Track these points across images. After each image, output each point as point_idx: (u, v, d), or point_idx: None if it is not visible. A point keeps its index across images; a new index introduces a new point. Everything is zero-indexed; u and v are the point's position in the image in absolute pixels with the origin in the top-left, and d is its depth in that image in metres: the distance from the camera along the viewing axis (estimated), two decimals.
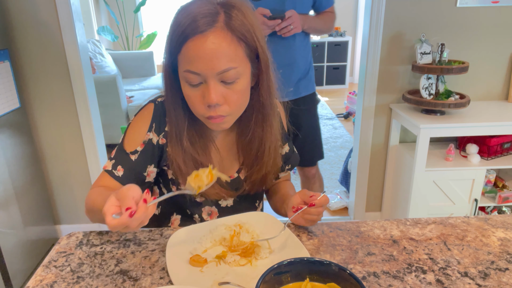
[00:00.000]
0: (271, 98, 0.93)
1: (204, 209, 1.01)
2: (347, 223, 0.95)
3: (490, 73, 2.28)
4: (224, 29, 0.77)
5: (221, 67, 0.78)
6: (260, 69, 0.87)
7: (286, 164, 1.10)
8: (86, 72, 2.20)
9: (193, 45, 0.76)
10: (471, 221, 0.96)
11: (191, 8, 0.78)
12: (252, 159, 0.97)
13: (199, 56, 0.77)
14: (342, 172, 2.93)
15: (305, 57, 1.91)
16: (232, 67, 0.78)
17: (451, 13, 2.15)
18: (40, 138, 2.28)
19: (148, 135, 0.92)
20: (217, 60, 0.77)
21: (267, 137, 0.95)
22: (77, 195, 2.42)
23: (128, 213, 0.63)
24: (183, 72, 0.80)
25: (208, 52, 0.76)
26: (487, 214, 2.29)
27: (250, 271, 0.77)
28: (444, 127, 1.99)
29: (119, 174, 0.91)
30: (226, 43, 0.77)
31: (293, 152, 1.12)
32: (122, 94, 3.47)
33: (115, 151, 0.93)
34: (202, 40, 0.76)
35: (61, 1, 2.03)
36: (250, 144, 0.95)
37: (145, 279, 0.76)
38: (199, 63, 0.77)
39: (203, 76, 0.79)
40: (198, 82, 0.80)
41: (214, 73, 0.78)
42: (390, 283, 0.74)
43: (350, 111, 4.78)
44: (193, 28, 0.76)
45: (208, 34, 0.76)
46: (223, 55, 0.77)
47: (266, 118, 0.93)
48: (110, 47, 5.54)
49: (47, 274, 0.78)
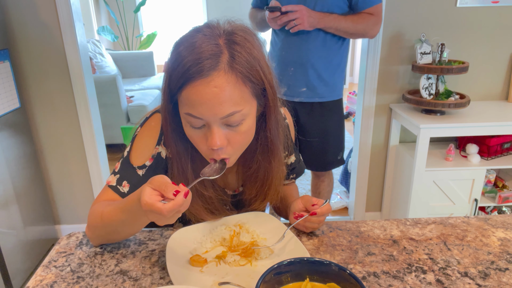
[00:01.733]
0: (278, 126, 0.88)
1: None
2: (347, 223, 0.95)
3: (490, 73, 2.28)
4: (228, 71, 0.71)
5: (225, 112, 0.72)
6: (267, 104, 0.81)
7: (291, 173, 1.09)
8: (86, 72, 2.20)
9: (195, 89, 0.71)
10: (471, 221, 0.96)
11: (194, 43, 0.72)
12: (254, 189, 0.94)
13: (201, 102, 0.71)
14: (342, 172, 2.93)
15: (325, 59, 1.79)
16: (236, 111, 0.73)
17: (451, 13, 2.15)
18: (40, 138, 2.28)
19: (157, 149, 0.87)
20: (221, 105, 0.71)
21: (274, 170, 0.91)
22: (77, 195, 2.42)
23: (182, 194, 0.63)
24: (185, 114, 0.75)
25: (211, 97, 0.71)
26: (487, 214, 2.29)
27: (250, 271, 0.77)
28: (444, 127, 1.99)
29: (124, 190, 0.85)
30: (230, 87, 0.71)
31: (299, 162, 1.10)
32: (122, 94, 3.47)
33: (119, 164, 0.87)
34: (204, 84, 0.70)
35: (61, 1, 2.03)
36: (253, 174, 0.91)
37: (145, 279, 0.76)
38: (202, 109, 0.72)
39: (205, 120, 0.74)
40: (200, 125, 0.75)
41: (217, 118, 0.73)
42: (390, 283, 0.74)
43: (350, 111, 4.78)
44: (196, 71, 0.70)
45: (211, 78, 0.70)
46: (227, 100, 0.71)
47: (272, 151, 0.88)
48: (110, 47, 5.54)
49: (47, 274, 0.78)
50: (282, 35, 1.82)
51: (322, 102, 1.87)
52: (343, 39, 1.81)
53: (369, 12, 1.74)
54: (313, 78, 1.81)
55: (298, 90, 1.85)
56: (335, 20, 1.70)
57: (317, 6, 1.70)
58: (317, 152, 1.95)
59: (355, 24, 1.73)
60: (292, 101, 1.86)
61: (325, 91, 1.85)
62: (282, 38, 1.83)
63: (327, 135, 1.93)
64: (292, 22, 1.67)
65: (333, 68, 1.83)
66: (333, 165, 2.03)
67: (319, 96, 1.85)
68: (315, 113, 1.88)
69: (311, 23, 1.67)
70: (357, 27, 1.73)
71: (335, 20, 1.70)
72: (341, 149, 2.01)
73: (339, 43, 1.81)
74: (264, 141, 0.87)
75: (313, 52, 1.77)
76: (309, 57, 1.78)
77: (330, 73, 1.83)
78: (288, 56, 1.81)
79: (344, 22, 1.71)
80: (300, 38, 1.76)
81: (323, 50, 1.78)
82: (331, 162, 2.01)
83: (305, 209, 0.88)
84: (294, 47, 1.78)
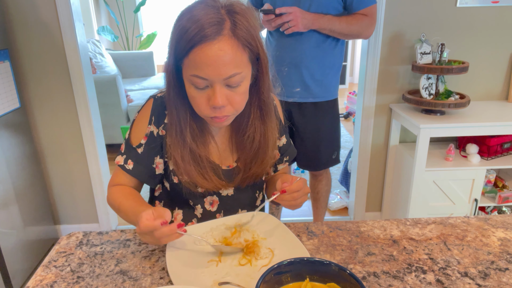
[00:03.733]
0: (270, 92, 0.96)
1: (206, 199, 1.04)
2: (347, 223, 0.95)
3: (490, 73, 2.28)
4: (231, 37, 0.80)
5: (228, 73, 0.81)
6: (260, 70, 0.90)
7: (284, 156, 1.12)
8: (86, 72, 2.20)
9: (201, 52, 0.79)
10: (471, 221, 0.96)
11: (196, 13, 0.80)
12: (250, 153, 0.99)
13: (206, 63, 0.79)
14: (342, 172, 2.93)
15: (319, 59, 1.80)
16: (237, 72, 0.82)
17: (451, 13, 2.15)
18: (40, 138, 2.28)
19: (149, 128, 0.97)
20: (224, 66, 0.80)
21: (270, 131, 0.98)
22: (77, 195, 2.42)
23: (160, 222, 0.73)
24: (190, 76, 0.83)
25: (216, 59, 0.79)
26: (487, 214, 2.29)
27: (250, 271, 0.77)
28: (444, 127, 1.99)
29: (129, 167, 0.97)
30: (233, 51, 0.80)
31: (290, 144, 1.14)
32: (122, 94, 3.47)
33: (124, 146, 0.99)
34: (210, 47, 0.78)
35: (61, 1, 2.03)
36: (247, 139, 0.98)
37: (145, 279, 0.76)
38: (207, 69, 0.80)
39: (209, 81, 0.82)
40: (204, 86, 0.83)
41: (221, 79, 0.81)
42: (390, 283, 0.74)
43: (350, 111, 4.78)
44: (201, 36, 0.78)
45: (216, 42, 0.79)
46: (230, 62, 0.80)
47: (267, 113, 0.97)
48: (110, 47, 5.54)
49: (47, 274, 0.78)
50: (276, 36, 1.83)
51: (316, 102, 1.87)
52: (338, 40, 1.81)
53: (364, 13, 1.74)
54: (307, 79, 1.82)
55: (292, 91, 1.85)
56: (329, 21, 1.70)
57: (311, 7, 1.70)
58: (311, 151, 1.96)
59: (350, 25, 1.72)
60: (286, 101, 1.86)
61: (319, 92, 1.85)
62: (276, 38, 1.83)
63: (321, 134, 1.93)
64: (286, 24, 1.67)
65: (327, 69, 1.83)
66: (328, 164, 2.03)
67: (313, 96, 1.85)
68: (309, 113, 1.88)
69: (305, 24, 1.68)
70: (351, 28, 1.73)
71: (329, 21, 1.70)
72: (336, 149, 2.01)
73: (333, 44, 1.81)
74: (258, 103, 0.95)
75: (307, 52, 1.78)
76: (303, 58, 1.79)
77: (324, 73, 1.83)
78: (282, 56, 1.81)
79: (339, 23, 1.71)
80: (294, 39, 1.76)
81: (317, 51, 1.78)
82: (325, 162, 2.01)
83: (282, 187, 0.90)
84: (288, 48, 1.79)
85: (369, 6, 1.74)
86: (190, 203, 1.04)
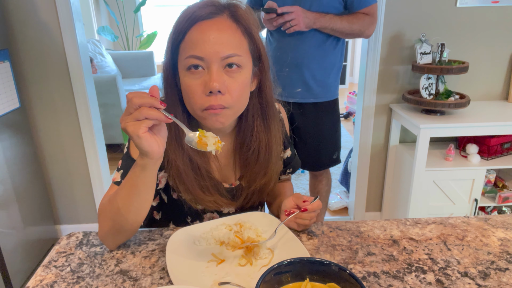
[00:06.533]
0: (273, 101, 0.93)
1: (206, 216, 1.00)
2: (347, 223, 0.95)
3: (490, 73, 2.28)
4: (230, 18, 0.79)
5: (225, 52, 0.77)
6: (262, 71, 0.87)
7: (288, 168, 1.10)
8: (86, 72, 2.20)
9: (199, 28, 0.77)
10: (471, 221, 0.96)
11: (193, 5, 0.80)
12: (255, 169, 0.94)
13: (204, 40, 0.76)
14: (342, 172, 2.93)
15: (320, 59, 1.80)
16: (236, 53, 0.78)
17: (451, 13, 2.15)
18: (40, 138, 2.28)
19: None
20: (222, 44, 0.76)
21: (273, 143, 0.94)
22: (77, 195, 2.42)
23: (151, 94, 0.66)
24: (185, 60, 0.79)
25: (214, 36, 0.76)
26: (487, 214, 2.29)
27: (250, 271, 0.77)
28: (444, 127, 1.99)
29: None
30: (232, 31, 0.78)
31: (295, 156, 1.11)
32: (122, 94, 3.47)
33: (121, 161, 0.89)
34: (208, 24, 0.77)
35: (61, 1, 2.03)
36: (252, 155, 0.93)
37: (145, 279, 0.76)
38: (204, 47, 0.76)
39: (206, 61, 0.77)
40: (200, 69, 0.78)
41: (219, 58, 0.77)
42: (390, 283, 0.74)
43: (350, 111, 4.78)
44: (199, 14, 0.77)
45: (214, 20, 0.77)
46: (228, 41, 0.77)
47: (270, 123, 0.92)
48: (110, 47, 5.54)
49: (47, 274, 0.78)
50: (277, 35, 1.83)
51: (317, 102, 1.87)
52: (338, 39, 1.81)
53: (365, 12, 1.75)
54: (309, 79, 1.82)
55: (293, 91, 1.85)
56: (330, 21, 1.70)
57: (312, 7, 1.70)
58: (312, 151, 1.96)
59: (351, 24, 1.73)
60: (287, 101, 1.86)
61: (320, 92, 1.85)
62: (277, 38, 1.83)
63: (322, 135, 1.94)
64: (288, 23, 1.67)
65: (328, 69, 1.83)
66: (329, 164, 2.03)
67: (314, 96, 1.85)
68: (310, 113, 1.88)
69: (307, 23, 1.68)
70: (352, 27, 1.73)
71: (331, 20, 1.70)
72: (337, 149, 2.01)
73: (334, 43, 1.81)
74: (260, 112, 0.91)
75: (308, 52, 1.78)
76: (304, 58, 1.78)
77: (325, 73, 1.83)
78: (283, 57, 1.81)
79: (340, 22, 1.71)
80: (295, 38, 1.76)
81: (318, 51, 1.78)
82: (326, 162, 2.01)
83: (296, 206, 0.89)
84: (289, 48, 1.79)
85: (370, 5, 1.74)
86: (188, 220, 1.00)
